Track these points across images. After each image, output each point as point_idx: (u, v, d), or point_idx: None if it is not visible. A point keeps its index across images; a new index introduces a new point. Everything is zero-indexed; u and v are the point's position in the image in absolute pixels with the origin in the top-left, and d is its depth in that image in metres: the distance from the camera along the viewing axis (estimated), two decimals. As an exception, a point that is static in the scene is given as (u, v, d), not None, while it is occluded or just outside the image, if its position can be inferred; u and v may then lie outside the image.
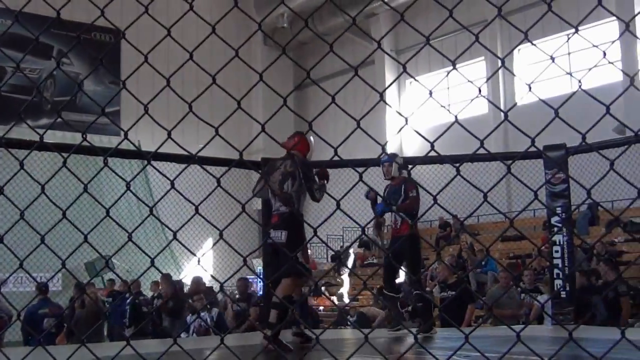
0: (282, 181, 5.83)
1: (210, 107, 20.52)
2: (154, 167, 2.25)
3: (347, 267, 17.07)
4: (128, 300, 11.56)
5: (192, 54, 1.99)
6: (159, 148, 2.36)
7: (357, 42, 23.30)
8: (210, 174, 2.12)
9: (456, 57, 1.86)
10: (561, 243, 8.55)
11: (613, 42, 16.41)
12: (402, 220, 6.76)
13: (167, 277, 11.14)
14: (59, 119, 19.54)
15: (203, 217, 2.01)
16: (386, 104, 2.04)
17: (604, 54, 2.13)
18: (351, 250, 18.58)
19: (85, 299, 11.04)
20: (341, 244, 21.15)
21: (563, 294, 8.47)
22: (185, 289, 11.76)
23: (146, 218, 2.33)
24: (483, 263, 13.57)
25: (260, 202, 8.46)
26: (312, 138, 5.94)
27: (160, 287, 12.22)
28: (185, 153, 2.15)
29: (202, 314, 9.88)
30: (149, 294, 13.31)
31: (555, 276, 8.70)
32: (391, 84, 2.40)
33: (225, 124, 2.21)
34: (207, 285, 13.03)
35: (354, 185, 1.91)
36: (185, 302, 10.57)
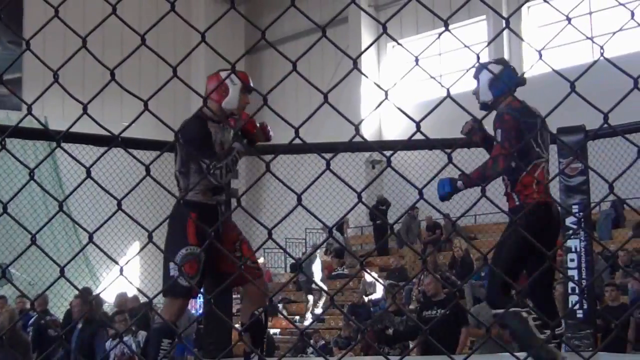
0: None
1: (139, 75, 20.45)
2: (64, 150, 2.22)
3: (310, 278, 17.11)
4: (31, 321, 11.43)
5: (115, 7, 1.97)
6: (71, 127, 2.33)
7: (326, -6, 23.32)
8: (138, 160, 2.11)
9: (450, 15, 1.87)
10: (578, 249, 8.64)
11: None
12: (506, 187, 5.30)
13: (84, 292, 11.08)
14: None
15: (127, 215, 1.99)
16: (361, 73, 2.05)
17: (632, 13, 2.15)
18: (319, 257, 18.62)
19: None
20: (304, 249, 21.18)
21: (579, 314, 8.57)
22: (106, 306, 11.69)
23: (54, 216, 2.30)
24: (482, 274, 13.69)
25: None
26: (233, 76, 4.84)
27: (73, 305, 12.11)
28: (106, 133, 2.14)
29: (125, 338, 9.81)
30: (58, 313, 13.20)
31: (570, 291, 8.80)
32: (367, 48, 2.41)
33: (158, 97, 2.20)
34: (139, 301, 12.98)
35: (319, 176, 1.91)
36: (102, 324, 10.50)
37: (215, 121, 4.98)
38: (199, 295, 5.00)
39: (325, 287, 17.10)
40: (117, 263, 2.04)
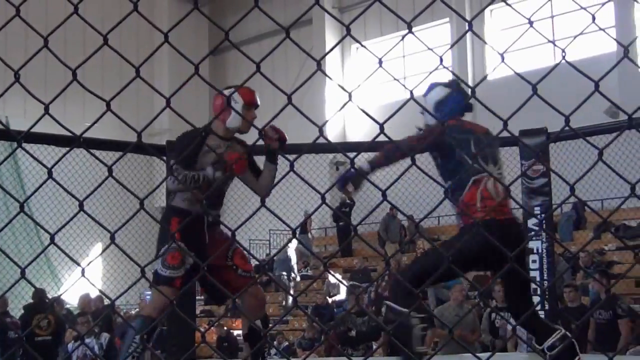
0: None
1: (102, 75, 20.29)
2: (26, 151, 2.20)
3: (273, 279, 17.09)
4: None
5: (77, 7, 1.96)
6: (32, 127, 2.31)
7: (290, -4, 23.31)
8: (100, 161, 2.09)
9: (413, 17, 1.88)
10: (539, 251, 8.70)
11: (604, 3, 16.79)
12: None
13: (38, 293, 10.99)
14: None
15: (89, 216, 1.98)
16: (325, 74, 2.05)
17: (593, 17, 2.18)
18: (294, 257, 18.61)
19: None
20: (267, 251, 21.16)
21: (541, 314, 8.63)
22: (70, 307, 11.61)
23: (15, 216, 2.28)
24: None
25: (165, 198, 8.38)
26: (235, 96, 5.26)
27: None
28: (68, 134, 2.12)
29: (87, 340, 9.74)
30: (19, 315, 13.04)
31: (532, 292, 8.86)
32: (331, 49, 2.41)
33: (121, 98, 2.18)
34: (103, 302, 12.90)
35: (282, 177, 1.91)
36: (64, 326, 10.42)
37: (223, 138, 5.21)
38: (183, 286, 4.96)
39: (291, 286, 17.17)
40: (78, 264, 2.03)
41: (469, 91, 1.79)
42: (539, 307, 8.67)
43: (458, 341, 2.86)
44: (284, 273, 18.08)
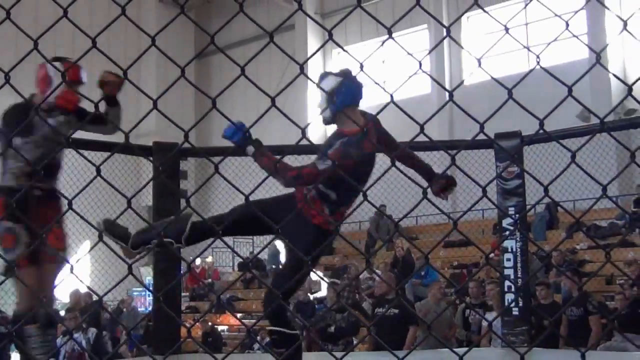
0: None
1: (90, 78, 20.19)
2: (16, 150, 2.19)
3: (256, 275, 17.08)
4: (-20, 319, 11.27)
5: (66, 10, 1.95)
6: (22, 127, 2.30)
7: (274, 1, 23.28)
8: (89, 161, 2.09)
9: (393, 23, 1.88)
10: (514, 250, 8.73)
11: (577, 11, 16.87)
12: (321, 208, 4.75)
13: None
14: None
15: (78, 214, 1.97)
16: (308, 78, 2.05)
17: (567, 24, 2.19)
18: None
19: None
20: (251, 249, 21.13)
21: (515, 311, 8.67)
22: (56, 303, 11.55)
23: (5, 214, 2.27)
24: (422, 273, 13.79)
25: (152, 197, 8.36)
26: (55, 69, 4.79)
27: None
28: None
29: (75, 335, 9.71)
30: (9, 310, 12.99)
31: (506, 289, 8.90)
32: (313, 54, 2.41)
33: (108, 99, 2.17)
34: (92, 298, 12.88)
35: (266, 177, 1.91)
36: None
37: (45, 109, 4.89)
38: (31, 265, 4.69)
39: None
40: (67, 262, 2.02)
41: (447, 95, 1.79)
42: (513, 304, 8.71)
43: (436, 337, 2.86)
44: (274, 266, 18.18)
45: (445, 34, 1.96)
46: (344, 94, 4.77)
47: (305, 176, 4.37)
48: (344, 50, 2.34)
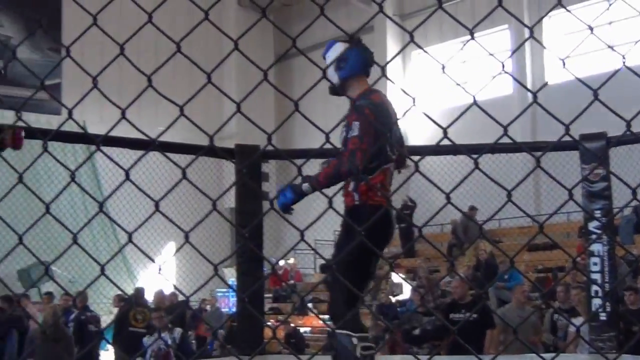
0: None
1: (174, 81, 20.53)
2: (104, 153, 2.24)
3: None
4: (72, 317, 11.57)
5: (151, 15, 1.99)
6: (110, 131, 2.35)
7: (354, 4, 23.28)
8: (174, 163, 2.12)
9: (474, 24, 1.87)
10: (600, 254, 8.57)
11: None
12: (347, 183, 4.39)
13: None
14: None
15: (164, 216, 2.01)
16: (389, 79, 2.05)
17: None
18: None
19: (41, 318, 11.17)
20: (332, 251, 21.14)
21: (603, 316, 8.50)
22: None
23: (94, 216, 2.32)
24: (506, 277, 13.61)
25: (234, 199, 8.45)
26: None
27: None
28: (143, 137, 2.15)
29: (162, 334, 9.88)
30: (97, 309, 13.33)
31: (593, 294, 8.73)
32: (395, 56, 2.41)
33: (192, 103, 2.21)
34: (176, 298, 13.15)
35: (342, 183, 1.92)
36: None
37: None
38: None
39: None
40: (153, 262, 2.06)
41: (529, 96, 1.77)
42: (600, 309, 8.54)
43: (523, 342, 2.82)
44: None
45: (528, 34, 1.94)
46: (352, 60, 4.63)
47: (357, 150, 4.12)
48: (425, 51, 2.33)
